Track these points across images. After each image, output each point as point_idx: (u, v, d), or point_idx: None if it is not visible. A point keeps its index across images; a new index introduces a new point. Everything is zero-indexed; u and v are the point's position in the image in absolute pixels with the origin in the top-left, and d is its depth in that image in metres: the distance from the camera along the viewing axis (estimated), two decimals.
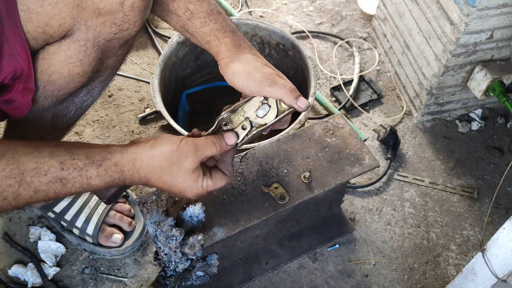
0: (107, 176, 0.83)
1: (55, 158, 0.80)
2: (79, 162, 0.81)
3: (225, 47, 0.94)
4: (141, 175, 0.84)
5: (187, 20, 0.96)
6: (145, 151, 0.84)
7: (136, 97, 1.70)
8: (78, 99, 1.05)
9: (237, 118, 0.91)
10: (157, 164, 0.84)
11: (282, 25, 1.95)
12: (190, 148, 0.84)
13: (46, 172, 0.79)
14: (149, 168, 0.84)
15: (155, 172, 0.84)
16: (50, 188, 0.81)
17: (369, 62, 1.83)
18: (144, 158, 0.83)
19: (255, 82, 0.89)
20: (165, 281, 1.06)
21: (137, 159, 0.83)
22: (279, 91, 0.88)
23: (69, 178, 0.81)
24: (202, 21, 0.95)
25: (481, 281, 1.02)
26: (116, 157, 0.83)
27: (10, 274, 1.29)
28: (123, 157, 0.83)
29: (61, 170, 0.80)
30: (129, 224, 1.32)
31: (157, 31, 1.88)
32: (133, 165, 0.83)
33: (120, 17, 0.90)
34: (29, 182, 0.79)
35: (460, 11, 1.34)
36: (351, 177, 1.15)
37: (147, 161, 0.83)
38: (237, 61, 0.92)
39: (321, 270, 1.34)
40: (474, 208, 1.48)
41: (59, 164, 0.80)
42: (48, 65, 0.93)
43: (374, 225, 1.43)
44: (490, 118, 1.68)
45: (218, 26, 0.95)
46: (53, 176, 0.80)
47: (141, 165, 0.83)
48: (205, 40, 0.95)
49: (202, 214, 1.01)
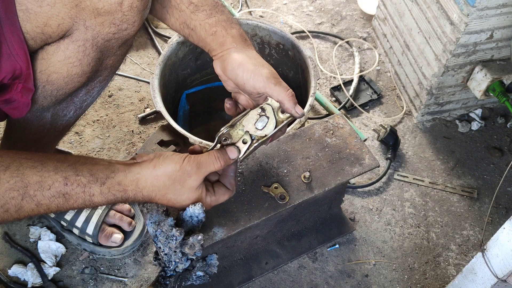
0: (110, 195, 0.83)
1: (60, 173, 0.81)
2: (83, 179, 0.82)
3: (232, 38, 0.93)
4: (144, 195, 0.86)
5: (191, 13, 0.95)
6: (148, 172, 0.85)
7: (136, 97, 1.70)
8: (78, 99, 1.05)
9: (236, 132, 0.92)
10: (161, 183, 0.85)
11: (282, 25, 1.95)
12: (193, 166, 0.85)
13: (50, 187, 0.80)
14: (152, 188, 0.85)
15: (159, 191, 0.85)
16: (52, 202, 0.81)
17: (369, 62, 1.83)
18: (148, 178, 0.84)
19: (262, 77, 0.88)
20: (165, 281, 1.06)
21: (141, 179, 0.84)
22: (283, 93, 0.88)
23: (72, 194, 0.81)
24: (207, 13, 0.95)
25: (481, 281, 1.02)
26: (119, 176, 0.84)
27: (10, 274, 1.29)
28: (127, 177, 0.84)
29: (64, 186, 0.81)
30: (129, 224, 1.32)
31: (157, 31, 1.88)
32: (136, 185, 0.84)
33: (119, 17, 0.90)
34: (32, 196, 0.80)
35: (460, 11, 1.34)
36: (351, 177, 1.15)
37: (151, 181, 0.85)
38: (243, 53, 0.91)
39: (321, 270, 1.34)
40: (474, 208, 1.48)
41: (63, 179, 0.81)
42: (47, 65, 0.93)
43: (374, 225, 1.43)
44: (490, 118, 1.68)
45: (224, 18, 0.95)
46: (57, 191, 0.81)
47: (145, 185, 0.85)
48: (210, 32, 0.94)
49: (202, 214, 1.01)
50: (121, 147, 1.56)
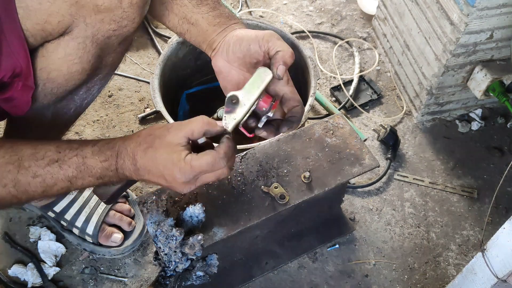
0: (101, 154, 0.85)
1: (52, 143, 0.85)
2: (74, 144, 0.86)
3: (236, 25, 0.95)
4: (128, 151, 0.86)
5: (194, 7, 0.96)
6: (133, 135, 0.88)
7: (136, 97, 1.70)
8: (78, 97, 1.05)
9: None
10: (142, 139, 0.86)
11: (282, 25, 1.95)
12: (175, 124, 0.85)
13: (43, 156, 0.83)
14: (135, 144, 0.86)
15: (140, 146, 0.85)
16: (47, 172, 0.83)
17: (369, 62, 1.83)
18: (133, 136, 0.87)
19: (265, 34, 0.89)
20: (165, 281, 1.06)
21: (127, 137, 0.87)
22: (285, 46, 0.88)
23: (65, 159, 0.84)
24: (211, 6, 0.97)
25: (481, 281, 1.02)
26: (108, 139, 0.88)
27: (10, 274, 1.28)
28: (115, 138, 0.88)
29: (57, 153, 0.84)
30: (129, 224, 1.32)
31: (157, 31, 1.88)
32: (123, 142, 0.87)
33: (119, 13, 0.90)
34: (27, 167, 0.82)
35: (460, 11, 1.34)
36: (351, 177, 1.15)
37: (135, 138, 0.86)
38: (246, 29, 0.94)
39: (321, 270, 1.34)
40: (474, 208, 1.48)
41: (55, 147, 0.84)
42: (47, 63, 0.93)
43: (374, 225, 1.43)
44: (490, 118, 1.68)
45: (227, 11, 0.98)
46: (50, 159, 0.83)
47: (130, 141, 0.86)
48: (213, 23, 0.95)
49: (202, 214, 1.01)
50: None
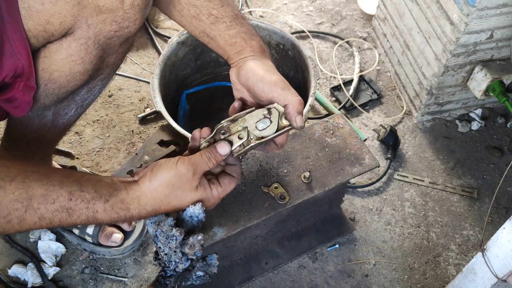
0: (113, 212, 0.83)
1: (64, 187, 0.80)
2: (87, 195, 0.82)
3: (251, 48, 0.94)
4: (148, 210, 0.86)
5: (211, 24, 0.96)
6: (146, 187, 0.85)
7: (136, 97, 1.70)
8: (79, 97, 1.05)
9: (236, 128, 0.91)
10: (161, 194, 0.85)
11: (282, 25, 1.95)
12: (188, 169, 0.85)
13: (54, 201, 0.80)
14: (154, 201, 0.85)
15: (162, 202, 0.86)
16: (55, 216, 0.81)
17: (369, 62, 1.84)
18: (148, 193, 0.85)
19: (270, 82, 0.89)
20: (165, 281, 1.06)
21: (141, 196, 0.85)
22: (290, 96, 0.88)
23: (76, 209, 0.81)
24: (228, 24, 0.96)
25: (481, 281, 1.02)
26: (121, 194, 0.84)
27: (10, 274, 1.29)
28: (128, 195, 0.84)
29: (69, 200, 0.80)
30: (129, 224, 1.32)
31: (157, 31, 1.88)
32: (138, 202, 0.85)
33: (121, 14, 0.90)
34: (36, 208, 0.79)
35: (460, 11, 1.34)
36: (351, 177, 1.15)
37: (151, 195, 0.85)
38: (259, 61, 0.93)
39: (321, 270, 1.34)
40: (474, 208, 1.48)
41: (67, 194, 0.80)
42: (49, 63, 0.93)
43: (374, 225, 1.43)
44: (490, 118, 1.68)
45: (244, 29, 0.96)
46: (61, 205, 0.80)
47: (146, 200, 0.85)
48: (230, 42, 0.95)
49: (202, 214, 1.01)
50: (121, 147, 1.56)
